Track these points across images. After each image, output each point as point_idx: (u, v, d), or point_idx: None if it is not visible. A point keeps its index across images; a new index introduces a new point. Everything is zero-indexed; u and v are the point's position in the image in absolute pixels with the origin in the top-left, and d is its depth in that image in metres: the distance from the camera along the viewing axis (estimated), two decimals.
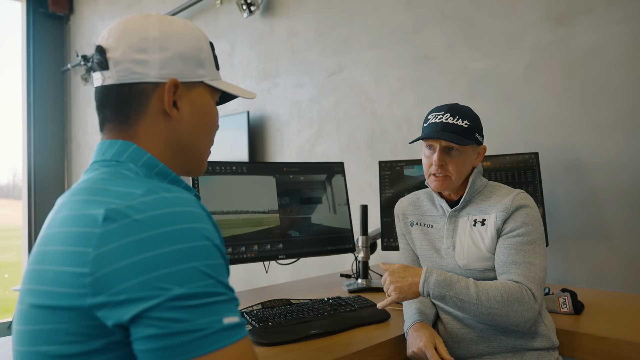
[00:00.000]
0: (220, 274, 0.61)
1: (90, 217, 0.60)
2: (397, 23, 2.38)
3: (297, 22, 2.89)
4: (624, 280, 1.68)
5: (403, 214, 1.47)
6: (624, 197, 1.68)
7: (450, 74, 2.17)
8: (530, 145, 1.90)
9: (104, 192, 0.63)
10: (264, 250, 1.69)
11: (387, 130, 2.43)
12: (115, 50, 0.72)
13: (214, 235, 0.63)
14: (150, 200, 0.61)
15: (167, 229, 0.59)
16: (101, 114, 0.76)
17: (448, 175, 1.28)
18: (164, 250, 0.57)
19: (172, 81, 0.73)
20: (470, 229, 1.29)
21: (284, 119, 2.96)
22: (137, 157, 0.72)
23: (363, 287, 1.79)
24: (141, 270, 0.56)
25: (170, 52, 0.73)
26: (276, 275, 2.77)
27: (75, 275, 0.58)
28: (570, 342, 1.29)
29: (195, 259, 0.58)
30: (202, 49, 0.78)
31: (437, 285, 1.16)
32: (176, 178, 0.76)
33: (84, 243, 0.59)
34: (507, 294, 1.13)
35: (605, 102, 1.73)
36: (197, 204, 0.65)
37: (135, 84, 0.72)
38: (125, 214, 0.59)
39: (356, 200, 2.41)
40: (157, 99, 0.73)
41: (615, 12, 1.71)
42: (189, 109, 0.76)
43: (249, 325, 1.26)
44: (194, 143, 0.79)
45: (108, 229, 0.58)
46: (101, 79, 0.74)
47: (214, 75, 0.81)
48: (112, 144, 0.73)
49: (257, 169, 1.76)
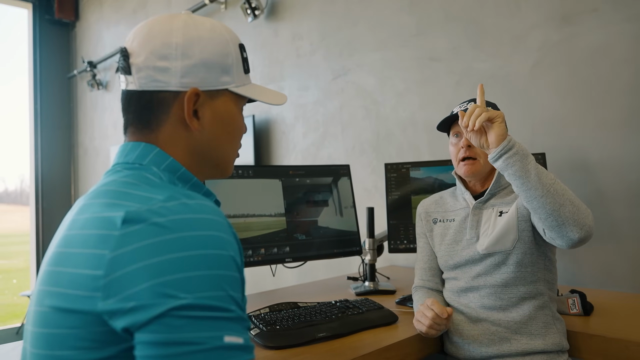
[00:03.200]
0: (232, 288, 0.59)
1: (110, 219, 0.60)
2: (401, 25, 2.38)
3: (301, 25, 2.90)
4: (633, 281, 1.67)
5: (426, 212, 1.48)
6: (633, 197, 1.67)
7: (456, 75, 2.17)
8: (537, 146, 1.89)
9: (126, 196, 0.63)
10: (271, 254, 1.69)
11: (392, 133, 2.43)
12: (138, 56, 0.71)
13: (232, 246, 0.61)
14: (171, 205, 0.60)
15: (185, 234, 0.58)
16: (125, 116, 0.75)
17: (476, 158, 1.31)
18: (179, 255, 0.56)
19: (193, 91, 0.71)
20: (495, 219, 1.29)
21: (289, 122, 2.97)
22: (160, 161, 0.71)
23: (370, 289, 1.79)
24: (152, 274, 0.55)
25: (193, 60, 0.71)
26: (283, 279, 2.77)
27: (90, 278, 0.57)
28: (580, 343, 1.28)
29: (208, 267, 0.57)
30: (229, 54, 0.75)
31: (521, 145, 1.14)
32: (197, 183, 0.75)
33: (101, 245, 0.58)
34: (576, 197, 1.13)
35: (612, 101, 1.72)
36: (218, 213, 0.63)
37: (157, 92, 0.71)
38: (144, 217, 0.58)
39: (362, 202, 2.41)
40: (177, 108, 0.72)
41: (621, 11, 1.70)
42: (211, 117, 0.74)
43: (257, 329, 1.25)
44: (217, 151, 0.77)
45: (127, 232, 0.58)
46: (125, 82, 0.74)
47: (241, 80, 0.78)
48: (135, 146, 0.72)
49: (263, 172, 1.76)
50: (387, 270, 2.19)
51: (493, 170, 1.34)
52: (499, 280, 1.26)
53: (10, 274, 10.50)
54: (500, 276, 1.26)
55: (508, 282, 1.25)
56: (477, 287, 1.29)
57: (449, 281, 1.39)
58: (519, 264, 1.25)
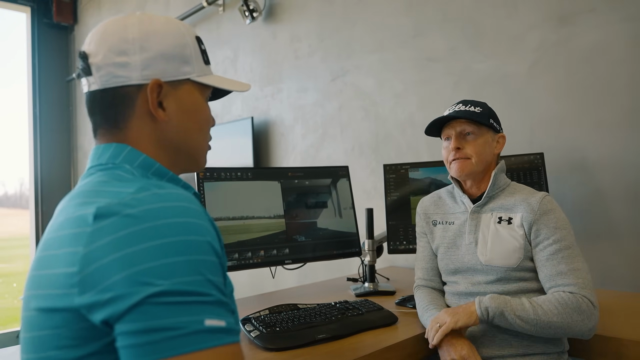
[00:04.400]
0: (210, 272, 0.58)
1: (82, 217, 0.60)
2: (399, 26, 2.38)
3: (299, 27, 2.91)
4: (632, 280, 1.67)
5: (425, 213, 1.48)
6: (631, 196, 1.68)
7: (454, 76, 2.17)
8: (536, 146, 1.89)
9: (98, 194, 0.63)
10: (271, 256, 1.69)
11: (391, 133, 2.43)
12: (96, 55, 0.71)
13: (209, 232, 0.61)
14: (142, 196, 0.60)
15: (157, 223, 0.57)
16: (92, 119, 0.75)
17: (467, 157, 1.29)
18: (152, 243, 0.56)
19: (155, 82, 0.71)
20: (495, 226, 1.28)
21: (288, 123, 2.97)
22: (133, 158, 0.71)
23: (370, 290, 1.79)
24: (127, 264, 0.55)
25: (151, 52, 0.71)
26: (283, 280, 2.77)
27: (66, 276, 0.58)
28: (578, 342, 1.29)
29: (183, 253, 0.57)
30: (187, 44, 0.76)
31: (493, 301, 1.15)
32: (174, 177, 0.75)
33: (75, 243, 0.58)
34: (562, 305, 1.13)
35: (610, 101, 1.73)
36: (192, 200, 0.63)
37: (119, 87, 0.71)
38: (115, 210, 0.58)
39: (362, 203, 2.41)
40: (142, 101, 0.72)
41: (618, 11, 1.70)
42: (177, 108, 0.74)
43: (257, 331, 1.25)
44: (187, 141, 0.77)
45: (98, 227, 0.58)
46: (87, 85, 0.73)
47: (202, 70, 0.78)
48: (106, 147, 0.72)
49: (262, 174, 1.77)
50: (387, 271, 2.19)
51: (488, 171, 1.34)
52: (501, 289, 1.26)
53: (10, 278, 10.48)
54: (502, 287, 1.26)
55: (509, 292, 1.25)
56: (478, 293, 1.29)
57: (449, 284, 1.39)
58: (522, 279, 1.26)
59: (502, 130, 1.39)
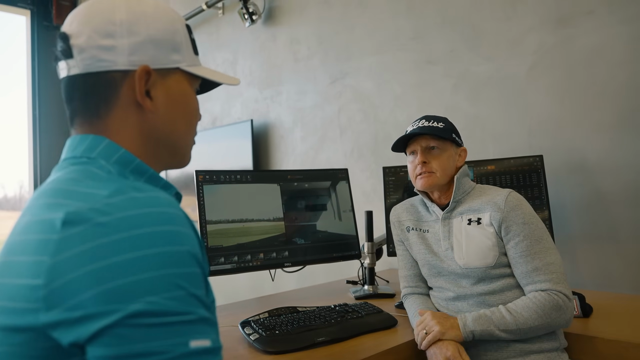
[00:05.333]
0: (193, 285, 0.53)
1: (49, 222, 0.53)
2: (398, 29, 2.39)
3: (298, 30, 2.91)
4: (632, 282, 1.67)
5: (398, 220, 1.51)
6: (631, 198, 1.68)
7: (453, 79, 2.18)
8: (535, 148, 1.89)
9: (67, 194, 0.56)
10: (270, 258, 1.69)
11: (390, 136, 2.43)
12: (79, 36, 0.64)
13: (190, 240, 0.55)
14: (116, 201, 0.54)
15: (133, 233, 0.51)
16: (69, 107, 0.68)
17: (432, 172, 1.34)
18: (126, 256, 0.50)
19: (144, 68, 0.65)
20: (466, 228, 1.32)
21: (288, 126, 2.97)
22: (110, 153, 0.64)
23: (370, 293, 1.79)
24: (98, 280, 0.49)
25: (140, 36, 0.66)
26: (282, 283, 2.76)
27: (29, 288, 0.51)
28: (579, 345, 1.28)
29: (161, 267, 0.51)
30: (177, 31, 0.70)
31: (476, 324, 1.19)
32: (154, 175, 0.68)
33: (40, 251, 0.52)
34: (540, 307, 1.17)
35: (609, 103, 1.73)
36: (173, 205, 0.57)
37: (103, 72, 0.65)
38: (86, 217, 0.52)
39: (361, 206, 2.41)
40: (127, 89, 0.66)
41: (616, 13, 1.71)
42: (164, 98, 0.68)
43: (256, 334, 1.25)
44: (172, 134, 0.71)
45: (66, 235, 0.51)
46: (66, 68, 0.66)
47: (192, 60, 0.73)
48: (82, 139, 0.66)
49: (262, 177, 1.77)
50: (387, 274, 2.19)
51: (452, 181, 1.37)
52: (486, 290, 1.28)
53: None
54: (486, 287, 1.28)
55: (495, 291, 1.28)
56: (465, 296, 1.31)
57: (436, 289, 1.41)
58: (503, 276, 1.28)
59: (463, 143, 1.43)
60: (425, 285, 1.46)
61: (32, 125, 5.03)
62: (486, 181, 1.77)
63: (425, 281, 1.46)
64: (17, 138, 5.08)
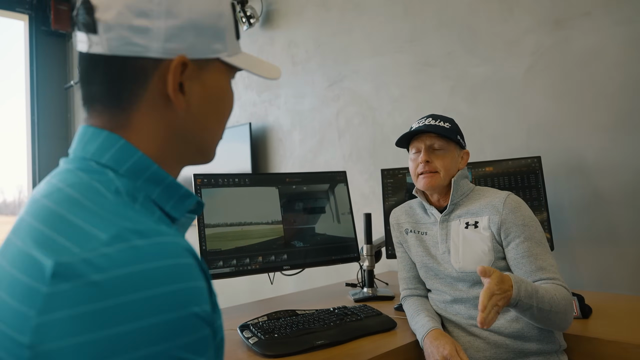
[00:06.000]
0: (198, 352, 0.47)
1: (38, 266, 0.46)
2: (396, 31, 2.39)
3: (296, 33, 2.91)
4: (631, 283, 1.67)
5: (397, 223, 1.50)
6: (629, 199, 1.68)
7: (451, 80, 2.18)
8: (533, 149, 1.90)
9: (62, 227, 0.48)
10: (269, 262, 1.68)
11: (388, 138, 2.43)
12: (107, 10, 0.54)
13: (199, 295, 0.48)
14: (115, 252, 0.46)
15: (132, 298, 0.44)
16: (86, 89, 0.58)
17: (436, 171, 1.32)
18: (125, 328, 0.43)
19: (180, 59, 0.56)
20: (463, 232, 1.31)
21: (286, 129, 2.97)
22: (123, 159, 0.55)
23: (369, 296, 1.78)
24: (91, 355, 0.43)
25: (180, 19, 0.56)
26: (282, 286, 2.76)
27: (13, 343, 0.44)
28: (579, 346, 1.28)
29: (163, 340, 0.44)
30: (223, 14, 0.60)
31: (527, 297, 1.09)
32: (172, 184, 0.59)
33: (27, 302, 0.45)
34: (563, 297, 1.15)
35: (606, 104, 1.73)
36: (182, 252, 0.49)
37: (132, 57, 0.55)
38: (78, 272, 0.44)
39: (360, 208, 2.41)
40: (158, 80, 0.56)
41: (613, 15, 1.71)
42: (200, 92, 0.60)
43: (255, 338, 1.25)
44: (202, 132, 0.62)
45: (56, 291, 0.44)
46: (87, 43, 0.56)
47: (234, 48, 0.63)
48: (96, 134, 0.56)
49: (260, 180, 1.77)
50: (386, 276, 2.19)
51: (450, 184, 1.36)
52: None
53: None
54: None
55: None
56: (462, 299, 1.31)
57: (434, 292, 1.40)
58: None
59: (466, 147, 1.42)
60: (423, 287, 1.46)
61: (31, 130, 5.03)
62: (484, 183, 1.77)
63: (423, 283, 1.46)
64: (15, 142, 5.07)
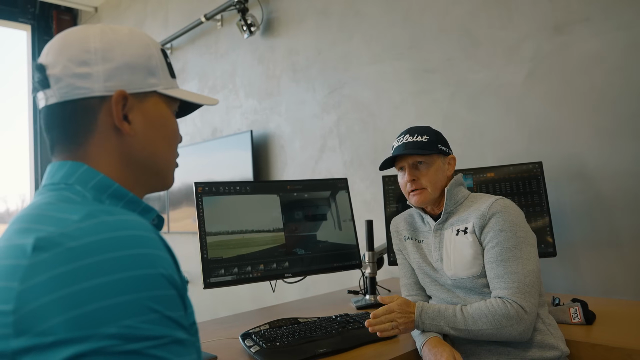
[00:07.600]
0: (168, 307, 0.53)
1: (20, 247, 0.53)
2: (396, 38, 2.40)
3: (297, 41, 2.93)
4: (635, 289, 1.66)
5: (397, 230, 1.52)
6: (631, 204, 1.67)
7: (451, 87, 2.18)
8: (534, 155, 1.89)
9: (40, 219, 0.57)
10: (270, 269, 1.68)
11: (389, 145, 2.43)
12: (55, 66, 0.66)
13: (163, 262, 0.55)
14: (87, 225, 0.54)
15: (103, 257, 0.51)
16: (49, 136, 0.69)
17: (423, 187, 1.34)
18: (97, 281, 0.50)
19: (120, 93, 0.66)
20: (454, 239, 1.32)
21: (287, 136, 2.98)
22: (88, 179, 0.65)
23: (371, 303, 1.78)
24: (69, 305, 0.48)
25: (115, 62, 0.67)
26: (284, 294, 2.75)
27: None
28: (582, 353, 1.27)
29: (133, 291, 0.50)
30: (152, 56, 0.71)
31: (426, 315, 1.22)
32: (133, 199, 0.68)
33: (11, 277, 0.51)
34: (491, 313, 1.17)
35: (606, 109, 1.73)
36: (145, 227, 0.57)
37: (80, 100, 0.65)
38: (56, 242, 0.52)
39: (362, 215, 2.41)
40: (105, 114, 0.66)
41: (612, 20, 1.71)
42: (143, 121, 0.69)
43: (257, 346, 1.25)
44: (152, 157, 0.71)
45: (36, 260, 0.51)
46: (44, 98, 0.67)
47: (169, 83, 0.73)
48: (61, 166, 0.67)
49: (261, 188, 1.77)
50: (388, 283, 2.18)
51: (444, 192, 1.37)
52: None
53: None
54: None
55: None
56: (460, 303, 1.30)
57: (434, 298, 1.41)
58: None
59: (452, 151, 1.42)
60: (424, 293, 1.46)
61: (34, 139, 5.05)
62: (486, 188, 1.77)
63: (424, 289, 1.46)
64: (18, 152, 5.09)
